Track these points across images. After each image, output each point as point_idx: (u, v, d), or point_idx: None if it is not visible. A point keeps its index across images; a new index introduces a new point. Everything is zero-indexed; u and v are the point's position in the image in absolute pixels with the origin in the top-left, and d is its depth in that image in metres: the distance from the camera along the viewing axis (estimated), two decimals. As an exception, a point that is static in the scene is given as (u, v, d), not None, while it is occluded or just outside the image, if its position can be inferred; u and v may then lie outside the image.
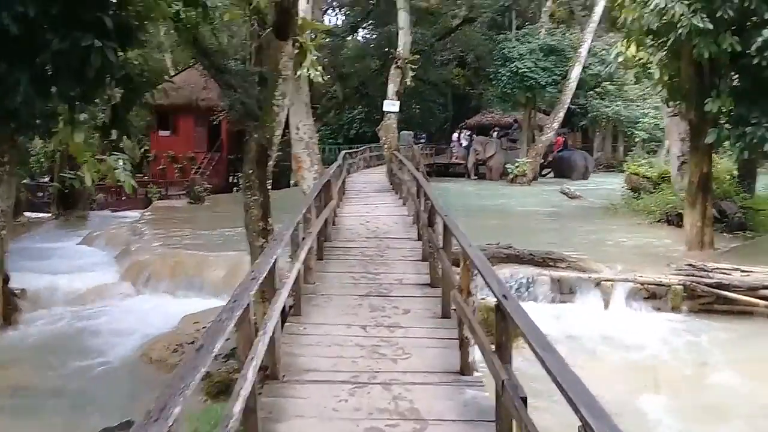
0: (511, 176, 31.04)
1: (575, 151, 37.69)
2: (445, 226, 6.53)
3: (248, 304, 3.80)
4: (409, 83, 18.72)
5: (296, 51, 9.04)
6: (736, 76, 13.13)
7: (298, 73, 15.37)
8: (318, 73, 15.44)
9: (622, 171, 40.66)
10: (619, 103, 39.05)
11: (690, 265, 11.97)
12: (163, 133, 35.37)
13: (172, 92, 31.71)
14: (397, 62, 18.31)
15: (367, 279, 8.14)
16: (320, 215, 8.80)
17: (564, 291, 12.18)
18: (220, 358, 7.43)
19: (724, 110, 12.69)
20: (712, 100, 12.61)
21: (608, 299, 11.84)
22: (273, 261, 4.98)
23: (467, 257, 5.04)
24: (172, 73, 34.92)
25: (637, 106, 39.90)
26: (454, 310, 6.26)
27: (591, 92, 37.99)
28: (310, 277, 7.79)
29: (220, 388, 7.60)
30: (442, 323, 6.52)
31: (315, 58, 15.26)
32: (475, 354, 5.28)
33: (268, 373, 5.08)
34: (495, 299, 4.16)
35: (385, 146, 19.03)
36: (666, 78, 13.42)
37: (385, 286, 7.82)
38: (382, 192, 18.18)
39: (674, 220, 17.76)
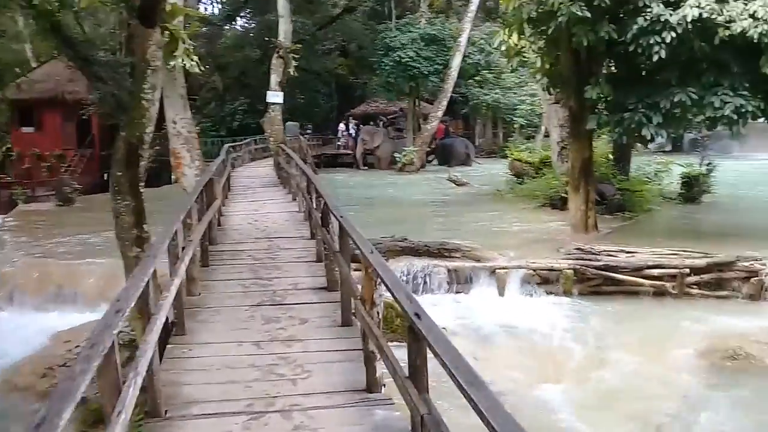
0: (399, 165, 30.97)
1: (456, 139, 38.23)
2: (342, 228, 5.98)
3: (112, 345, 3.09)
4: (292, 73, 17.96)
5: (167, 39, 8.07)
6: (613, 63, 13.47)
7: (172, 63, 14.30)
8: (194, 63, 14.39)
9: (504, 157, 41.78)
10: (497, 91, 39.98)
11: (579, 249, 12.17)
12: (26, 129, 32.41)
13: (35, 85, 29.09)
14: (278, 52, 17.49)
15: (259, 285, 7.47)
16: (203, 218, 8.01)
17: (460, 281, 12.04)
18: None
19: (603, 97, 12.95)
20: (591, 87, 12.84)
21: (503, 287, 11.81)
22: (146, 282, 4.24)
23: (369, 266, 4.53)
24: (34, 65, 32.07)
25: (514, 93, 41.07)
26: (354, 314, 5.76)
27: (471, 81, 38.65)
28: (194, 288, 7.03)
29: (99, 416, 6.71)
30: (343, 332, 6.00)
31: (190, 47, 14.24)
32: (383, 368, 4.80)
33: (148, 409, 4.36)
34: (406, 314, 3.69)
35: (271, 139, 18.19)
36: (547, 66, 13.54)
37: (279, 293, 7.19)
38: (270, 187, 17.37)
39: (558, 203, 18.21)
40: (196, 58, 14.58)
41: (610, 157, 20.17)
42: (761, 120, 13.13)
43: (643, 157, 22.11)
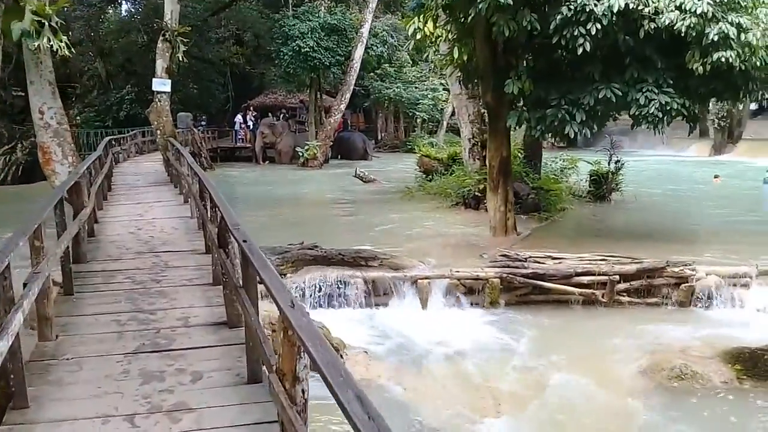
0: (301, 160, 29.37)
1: (354, 133, 37.05)
2: (246, 257, 4.48)
3: None
4: (181, 59, 15.95)
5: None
6: (532, 56, 12.59)
7: (36, 43, 12.10)
8: (62, 44, 12.29)
9: (408, 151, 41.20)
10: (399, 84, 39.08)
11: (504, 255, 11.18)
12: None
13: None
14: (164, 34, 15.44)
15: (138, 322, 5.80)
16: (63, 235, 6.21)
17: (379, 293, 10.75)
18: None
19: (523, 92, 12.01)
20: (511, 81, 11.87)
21: (426, 298, 10.64)
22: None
23: (290, 327, 3.08)
24: None
25: (416, 87, 40.34)
26: (264, 365, 4.28)
27: (372, 74, 37.51)
28: (47, 331, 5.28)
29: None
30: (251, 393, 4.49)
31: (57, 25, 12.09)
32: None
33: None
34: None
35: (158, 131, 16.11)
36: (464, 58, 12.42)
37: (165, 332, 5.57)
38: (159, 185, 15.35)
39: (471, 203, 17.35)
40: (65, 38, 12.48)
41: (520, 154, 19.64)
42: (680, 118, 12.66)
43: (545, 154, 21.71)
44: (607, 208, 18.04)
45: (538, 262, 11.07)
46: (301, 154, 29.37)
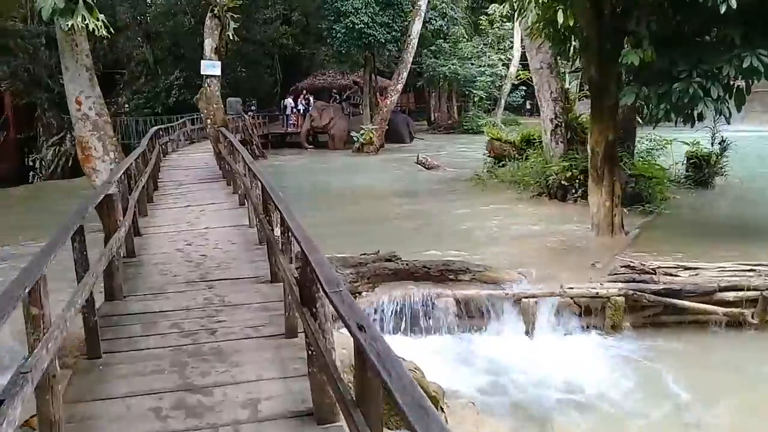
0: (357, 145, 27.45)
1: (397, 114, 34.76)
2: (361, 353, 2.57)
3: None
4: (231, 37, 14.12)
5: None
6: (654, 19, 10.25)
7: (68, 23, 10.42)
8: (99, 23, 10.59)
9: (463, 132, 38.96)
10: (454, 61, 36.70)
11: (628, 266, 9.06)
12: None
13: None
14: (213, 10, 13.61)
15: (187, 412, 3.94)
16: (84, 279, 4.42)
17: (473, 314, 8.79)
18: None
19: (644, 63, 9.75)
20: (629, 50, 9.63)
21: (531, 321, 8.63)
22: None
23: None
24: None
25: (472, 64, 37.90)
26: None
27: (425, 50, 35.20)
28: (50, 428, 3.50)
29: None
30: None
31: (91, 1, 10.40)
32: None
33: None
34: None
35: (208, 120, 14.35)
36: (570, 22, 10.14)
37: (224, 429, 3.75)
38: (210, 181, 13.65)
39: (557, 193, 15.18)
40: (102, 17, 10.79)
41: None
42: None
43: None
44: (713, 196, 15.61)
45: (670, 275, 8.93)
46: (356, 138, 27.44)
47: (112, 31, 11.80)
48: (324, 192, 18.30)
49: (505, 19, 39.74)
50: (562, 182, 15.04)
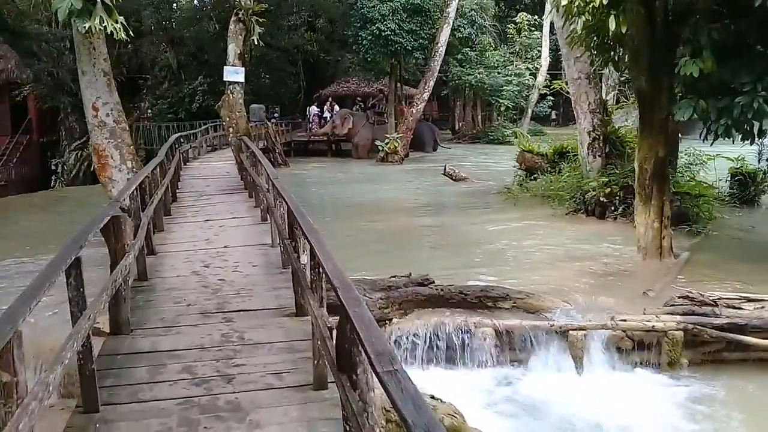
0: (381, 154, 26.73)
1: (422, 122, 33.91)
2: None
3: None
4: (256, 42, 13.46)
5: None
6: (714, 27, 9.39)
7: (86, 25, 9.83)
8: (118, 26, 10.00)
9: (489, 142, 38.11)
10: (480, 69, 35.93)
11: (686, 297, 8.20)
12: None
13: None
14: (238, 14, 12.97)
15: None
16: (77, 325, 3.70)
17: (515, 347, 7.99)
18: None
19: (703, 74, 8.89)
20: (688, 60, 8.78)
21: (580, 356, 7.81)
22: None
23: None
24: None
25: (498, 73, 37.10)
26: None
27: (452, 59, 34.45)
28: None
29: None
30: None
31: (111, 3, 9.81)
32: None
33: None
34: None
35: (230, 129, 13.69)
36: (623, 28, 9.31)
37: None
38: (231, 193, 13.00)
39: (595, 210, 14.29)
40: (121, 19, 10.19)
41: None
42: None
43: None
44: (762, 216, 14.61)
45: (733, 307, 8.06)
46: (380, 147, 26.72)
47: (132, 35, 11.23)
48: (347, 203, 17.56)
49: (533, 28, 39.01)
50: (601, 198, 14.15)
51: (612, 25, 8.88)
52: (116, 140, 11.49)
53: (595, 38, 10.70)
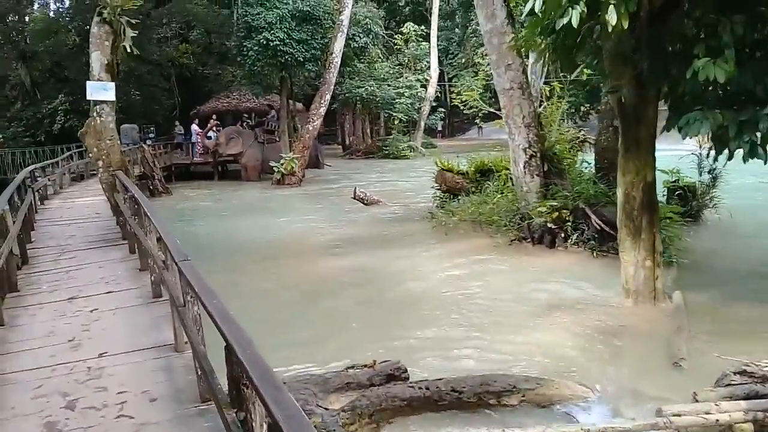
0: (277, 176, 23.74)
1: None
2: None
3: None
4: (129, 50, 10.15)
5: None
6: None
7: None
8: None
9: (384, 156, 36.04)
10: (371, 82, 33.87)
11: (743, 373, 6.16)
12: None
13: None
14: (102, 13, 9.68)
15: None
16: None
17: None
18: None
19: (715, 81, 6.98)
20: (707, 62, 6.83)
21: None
22: None
23: None
24: None
25: (389, 85, 35.24)
26: None
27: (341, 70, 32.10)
28: None
29: None
30: None
31: None
32: None
33: None
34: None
35: (99, 162, 10.31)
36: (624, 23, 7.21)
37: None
38: (105, 246, 9.66)
39: (544, 238, 12.35)
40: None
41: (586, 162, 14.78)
42: None
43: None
44: (715, 234, 13.22)
45: (800, 382, 6.14)
46: (275, 169, 23.73)
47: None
48: (245, 243, 14.40)
49: (420, 39, 37.53)
50: (549, 225, 12.27)
51: (611, 18, 6.76)
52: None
53: (559, 38, 8.61)
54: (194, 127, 28.65)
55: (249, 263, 12.31)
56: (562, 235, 12.23)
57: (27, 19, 34.25)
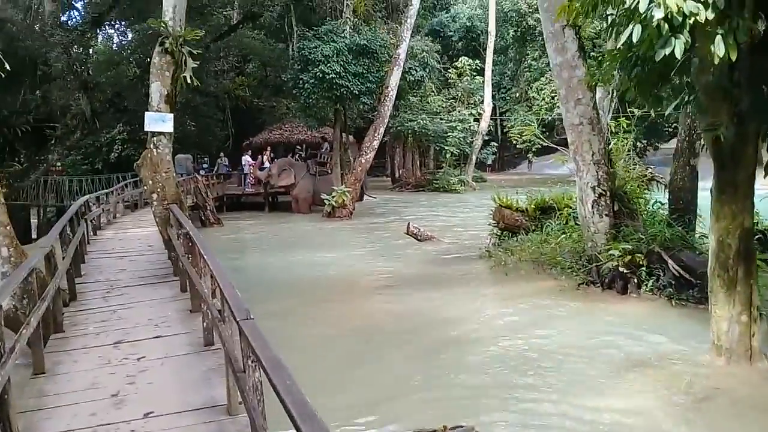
0: (327, 209, 23.36)
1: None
2: None
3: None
4: (189, 81, 9.86)
5: None
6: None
7: None
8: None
9: (434, 190, 35.48)
10: (423, 116, 33.49)
11: None
12: None
13: None
14: (164, 43, 9.44)
15: None
16: None
17: None
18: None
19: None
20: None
21: None
22: None
23: None
24: None
25: (441, 119, 34.79)
26: None
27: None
28: None
29: None
30: None
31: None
32: None
33: None
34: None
35: (154, 195, 9.98)
36: (727, 57, 6.45)
37: None
38: (156, 283, 9.27)
39: (614, 283, 11.46)
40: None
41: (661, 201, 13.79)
42: None
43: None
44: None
45: None
46: (327, 201, 23.36)
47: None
48: (296, 282, 13.79)
49: (474, 73, 37.10)
50: (620, 269, 11.36)
51: (719, 49, 6.04)
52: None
53: (644, 72, 7.89)
54: (246, 158, 28.65)
55: (300, 305, 11.73)
56: (635, 280, 11.32)
57: (90, 51, 35.26)
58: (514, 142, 37.67)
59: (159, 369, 5.65)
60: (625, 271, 11.33)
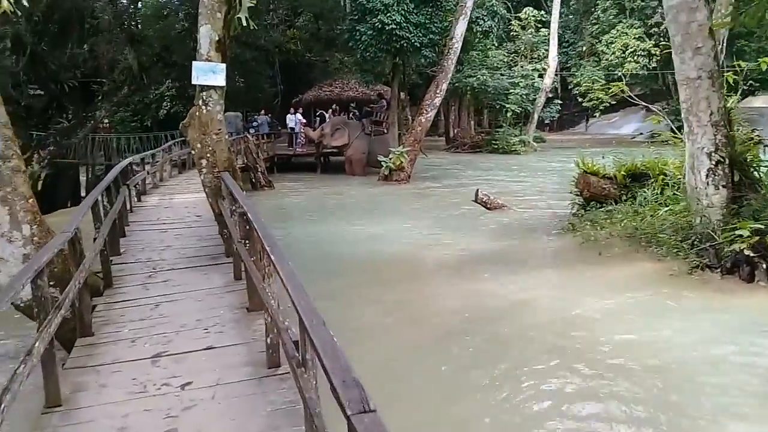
0: (384, 172, 21.75)
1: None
2: None
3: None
4: (244, 22, 8.27)
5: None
6: None
7: None
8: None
9: (494, 150, 33.42)
10: (483, 71, 31.24)
11: None
12: None
13: None
14: (214, -22, 7.81)
15: None
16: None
17: None
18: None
19: None
20: None
21: None
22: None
23: None
24: None
25: (502, 74, 32.49)
26: None
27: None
28: None
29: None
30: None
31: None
32: None
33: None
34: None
35: (203, 161, 8.50)
36: None
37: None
38: (203, 266, 7.89)
39: (739, 268, 9.59)
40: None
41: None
42: None
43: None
44: None
45: None
46: (383, 163, 21.71)
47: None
48: (354, 258, 12.16)
49: (539, 25, 34.48)
50: (745, 252, 9.48)
51: None
52: (3, 190, 6.40)
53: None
54: (297, 116, 27.10)
55: (361, 286, 10.21)
56: (764, 266, 9.44)
57: (138, 3, 34.00)
58: (580, 99, 35.21)
59: (208, 405, 4.19)
60: (752, 254, 9.46)
